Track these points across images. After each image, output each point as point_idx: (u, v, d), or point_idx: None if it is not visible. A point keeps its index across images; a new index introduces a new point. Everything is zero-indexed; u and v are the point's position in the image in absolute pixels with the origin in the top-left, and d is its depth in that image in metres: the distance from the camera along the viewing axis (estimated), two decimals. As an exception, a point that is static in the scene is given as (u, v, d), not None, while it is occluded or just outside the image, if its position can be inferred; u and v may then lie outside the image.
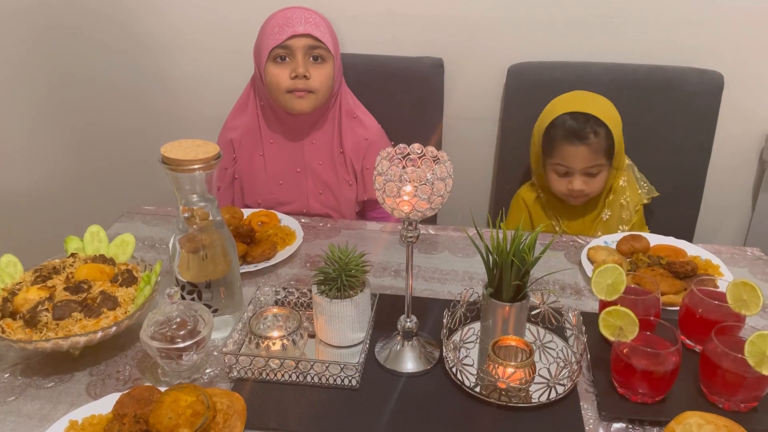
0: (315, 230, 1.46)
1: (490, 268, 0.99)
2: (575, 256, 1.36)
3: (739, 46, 1.73)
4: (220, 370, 1.02)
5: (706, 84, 1.68)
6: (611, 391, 0.95)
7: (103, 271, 1.11)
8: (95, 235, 1.20)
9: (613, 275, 1.04)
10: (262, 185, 1.62)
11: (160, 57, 1.96)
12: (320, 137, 1.60)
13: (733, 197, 1.94)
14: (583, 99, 1.53)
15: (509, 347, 0.96)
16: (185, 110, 2.03)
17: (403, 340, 1.04)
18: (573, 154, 1.47)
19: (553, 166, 1.52)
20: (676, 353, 0.91)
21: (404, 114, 1.78)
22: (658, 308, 1.04)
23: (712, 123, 1.71)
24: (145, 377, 1.01)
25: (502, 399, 0.94)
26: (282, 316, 1.08)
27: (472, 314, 1.11)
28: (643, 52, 1.75)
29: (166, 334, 0.95)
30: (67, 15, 1.94)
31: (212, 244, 1.04)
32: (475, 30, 1.79)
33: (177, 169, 0.97)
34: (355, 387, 0.98)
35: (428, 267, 1.32)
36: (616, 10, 1.73)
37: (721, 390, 0.92)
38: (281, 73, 1.49)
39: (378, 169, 0.91)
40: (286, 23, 1.47)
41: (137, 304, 1.05)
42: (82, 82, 2.03)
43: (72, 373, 1.01)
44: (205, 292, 1.06)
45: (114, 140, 2.12)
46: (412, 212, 0.90)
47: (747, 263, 1.33)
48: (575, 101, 1.52)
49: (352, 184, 1.64)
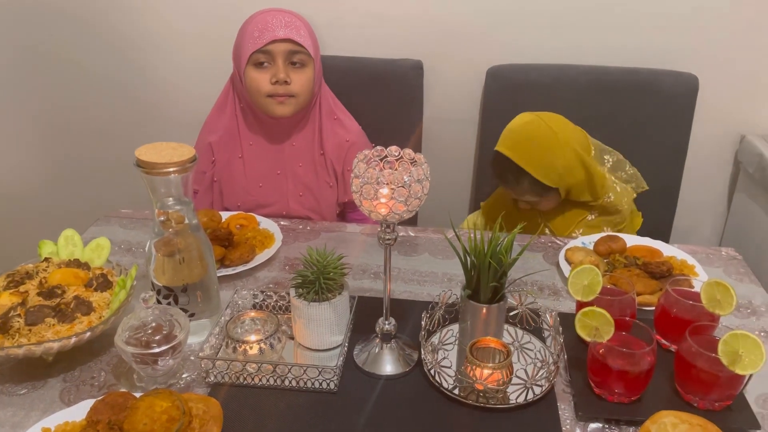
0: (294, 233, 1.46)
1: (467, 270, 0.99)
2: (553, 257, 1.37)
3: (714, 48, 1.75)
4: (196, 374, 1.01)
5: (682, 86, 1.71)
6: (588, 392, 0.96)
7: (78, 275, 1.09)
8: (69, 239, 1.19)
9: (589, 276, 1.05)
10: (242, 188, 1.61)
11: (138, 57, 1.94)
12: (300, 139, 1.59)
13: (708, 198, 1.97)
14: (513, 134, 1.44)
15: (487, 348, 0.97)
16: (164, 111, 2.01)
17: (381, 343, 1.04)
18: (512, 191, 1.49)
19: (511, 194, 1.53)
20: (651, 353, 0.91)
21: (384, 116, 1.78)
22: (634, 308, 1.05)
23: (687, 125, 1.73)
24: (121, 383, 0.99)
25: (479, 400, 0.94)
26: (260, 319, 1.07)
27: (450, 316, 1.11)
28: (620, 54, 1.77)
29: (141, 339, 0.94)
30: (43, 15, 1.91)
31: (188, 248, 1.03)
32: (454, 32, 1.80)
33: (152, 173, 0.96)
34: (334, 390, 0.97)
35: (408, 269, 1.32)
36: (593, 14, 1.74)
37: (696, 389, 0.93)
38: (261, 78, 1.48)
39: (355, 171, 0.91)
40: (266, 27, 1.46)
41: (112, 309, 1.03)
42: (58, 82, 2.01)
43: (45, 379, 1.00)
44: (182, 296, 1.05)
45: (91, 142, 2.09)
46: (390, 215, 0.90)
47: (722, 263, 1.35)
48: (507, 137, 1.45)
49: (333, 186, 1.63)
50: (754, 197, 1.81)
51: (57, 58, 1.97)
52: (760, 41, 1.74)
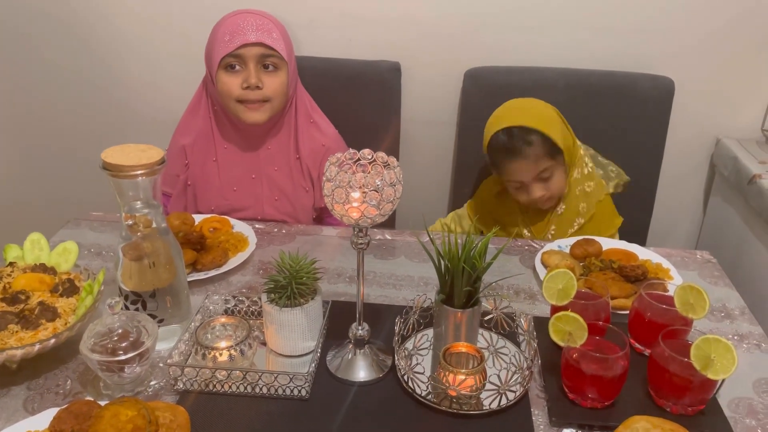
0: (269, 236, 1.44)
1: (441, 274, 0.98)
2: (529, 260, 1.36)
3: (690, 53, 1.77)
4: (165, 382, 0.99)
5: (658, 89, 1.71)
6: (561, 397, 0.96)
7: (43, 280, 1.06)
8: (36, 243, 1.16)
9: (563, 280, 1.04)
10: (216, 191, 1.58)
11: (110, 55, 1.91)
12: (276, 143, 1.57)
13: (684, 200, 1.98)
14: (511, 111, 1.50)
15: (460, 354, 0.96)
16: (137, 111, 1.98)
17: (354, 349, 1.03)
18: (516, 169, 1.46)
19: (507, 183, 1.52)
20: (624, 357, 0.91)
21: (361, 118, 1.77)
22: (608, 312, 1.05)
23: (663, 128, 1.74)
24: (87, 391, 0.97)
25: (453, 406, 0.93)
26: (231, 325, 1.05)
27: (425, 320, 1.09)
28: (597, 57, 1.77)
29: (107, 346, 0.92)
30: (12, 11, 1.87)
31: (156, 252, 1.01)
32: (431, 34, 1.79)
33: (119, 176, 0.94)
34: (305, 397, 0.96)
35: (384, 272, 1.31)
36: (572, 17, 1.75)
37: (669, 394, 0.92)
38: (232, 82, 1.45)
39: (327, 174, 0.89)
40: (237, 30, 1.44)
41: (78, 315, 1.01)
42: (29, 80, 1.97)
43: (9, 387, 0.97)
44: (150, 301, 1.02)
45: (61, 142, 2.05)
46: (362, 219, 0.89)
47: (696, 266, 1.36)
48: (504, 116, 1.48)
49: (309, 191, 1.61)
50: (729, 200, 1.83)
51: (27, 56, 1.93)
52: (735, 46, 1.76)
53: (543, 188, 1.48)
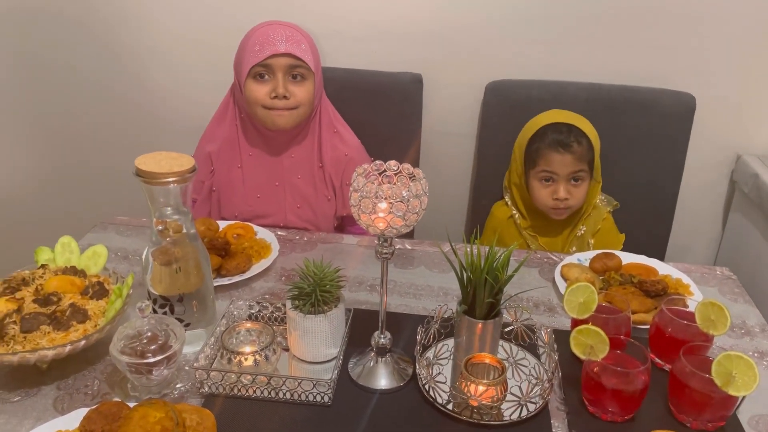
0: (291, 243, 1.46)
1: (464, 285, 0.99)
2: (549, 273, 1.37)
3: (711, 69, 1.77)
4: (191, 385, 1.01)
5: (679, 105, 1.72)
6: (582, 410, 0.96)
7: (74, 283, 1.09)
8: (66, 246, 1.19)
9: (585, 294, 1.05)
10: (240, 198, 1.61)
11: (138, 65, 1.95)
12: (300, 151, 1.60)
13: (704, 216, 1.98)
14: (565, 113, 1.58)
15: (482, 364, 0.97)
16: (162, 119, 2.01)
17: (376, 357, 1.04)
18: (558, 161, 1.51)
19: (538, 174, 1.55)
20: (645, 372, 0.92)
21: (383, 129, 1.79)
22: (629, 327, 1.06)
23: (684, 144, 1.75)
24: (114, 392, 0.99)
25: (474, 416, 0.94)
26: (255, 330, 1.07)
27: (446, 330, 1.11)
28: (619, 73, 1.78)
29: (137, 349, 0.94)
30: (46, 22, 1.92)
31: (185, 257, 1.04)
32: (454, 47, 1.81)
33: (151, 182, 0.96)
34: (328, 404, 0.97)
35: (404, 282, 1.32)
36: (594, 32, 1.76)
37: (689, 409, 0.93)
38: (261, 91, 1.48)
39: (354, 185, 0.91)
40: (267, 41, 1.47)
41: (108, 318, 1.03)
42: (59, 88, 2.01)
43: (39, 387, 0.99)
44: (178, 305, 1.05)
45: (89, 149, 2.09)
46: (387, 229, 0.91)
47: (716, 282, 1.36)
48: (557, 115, 1.57)
49: (331, 199, 1.63)
50: (749, 217, 1.82)
51: (57, 65, 1.98)
52: (757, 62, 1.76)
53: (568, 192, 1.53)
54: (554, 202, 1.54)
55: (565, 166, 1.51)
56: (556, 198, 1.53)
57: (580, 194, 1.55)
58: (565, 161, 1.51)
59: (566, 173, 1.52)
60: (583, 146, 1.52)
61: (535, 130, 1.55)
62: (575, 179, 1.53)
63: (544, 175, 1.54)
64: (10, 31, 1.94)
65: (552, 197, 1.54)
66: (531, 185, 1.58)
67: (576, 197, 1.54)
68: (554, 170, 1.52)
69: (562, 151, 1.51)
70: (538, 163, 1.54)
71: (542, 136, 1.54)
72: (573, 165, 1.51)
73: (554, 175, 1.53)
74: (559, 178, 1.53)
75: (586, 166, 1.53)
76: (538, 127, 1.55)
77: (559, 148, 1.51)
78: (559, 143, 1.51)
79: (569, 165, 1.51)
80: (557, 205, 1.54)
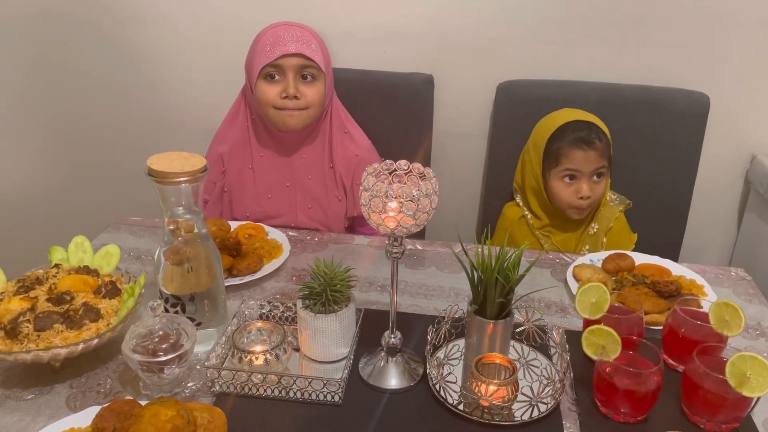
0: (302, 244, 1.46)
1: (474, 285, 0.99)
2: (561, 273, 1.36)
3: (725, 68, 1.76)
4: (202, 384, 1.01)
5: (693, 105, 1.70)
6: (594, 411, 0.96)
7: (87, 282, 1.10)
8: (80, 245, 1.20)
9: (597, 294, 1.04)
10: (251, 198, 1.62)
11: (151, 68, 1.96)
12: (310, 152, 1.60)
13: (718, 217, 1.96)
14: (579, 112, 1.57)
15: (492, 365, 0.96)
16: (175, 120, 2.03)
17: (387, 356, 1.04)
18: (583, 158, 1.51)
19: (560, 173, 1.54)
20: (658, 373, 0.91)
21: (394, 129, 1.79)
22: (642, 327, 1.05)
23: (697, 143, 1.73)
24: (126, 390, 1.00)
25: (484, 417, 0.94)
26: (266, 330, 1.07)
27: (456, 331, 1.10)
28: (631, 72, 1.77)
29: (148, 347, 0.95)
30: (58, 22, 1.93)
31: (197, 257, 1.04)
32: (465, 47, 1.81)
33: (163, 182, 0.97)
34: (338, 403, 0.97)
35: (415, 282, 1.32)
36: (605, 31, 1.75)
37: (703, 410, 0.92)
38: (271, 91, 1.49)
39: (364, 184, 0.91)
40: (277, 41, 1.48)
41: (120, 317, 1.04)
42: (70, 89, 2.03)
43: (52, 385, 1.00)
44: (189, 305, 1.05)
45: (103, 150, 2.11)
46: (398, 228, 0.90)
47: (731, 283, 1.34)
48: (572, 113, 1.56)
49: (342, 200, 1.64)
50: (765, 217, 1.80)
51: (71, 68, 2.00)
52: (772, 61, 1.74)
53: (591, 189, 1.52)
54: (578, 201, 1.52)
55: (589, 162, 1.51)
56: (581, 196, 1.52)
57: (600, 190, 1.55)
58: (589, 158, 1.50)
59: (590, 170, 1.51)
60: (603, 142, 1.52)
61: (554, 129, 1.54)
62: (597, 176, 1.53)
63: (567, 174, 1.53)
64: (26, 37, 1.97)
65: (576, 195, 1.52)
66: (551, 185, 1.56)
67: (597, 193, 1.54)
68: (578, 168, 1.51)
69: (585, 148, 1.50)
70: (561, 162, 1.53)
71: (562, 134, 1.53)
72: (596, 161, 1.51)
73: (577, 172, 1.52)
74: (582, 176, 1.52)
75: (607, 162, 1.53)
76: (555, 126, 1.54)
77: (582, 145, 1.50)
78: (582, 140, 1.50)
79: (593, 161, 1.51)
80: (580, 204, 1.53)
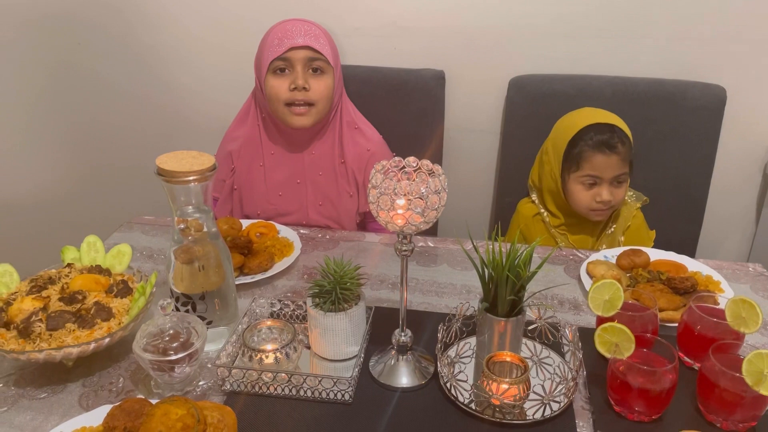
0: (314, 242, 1.46)
1: (485, 283, 0.98)
2: (575, 270, 1.35)
3: (742, 60, 1.72)
4: (212, 382, 1.01)
5: (709, 98, 1.68)
6: (607, 409, 0.94)
7: (98, 281, 1.10)
8: (92, 245, 1.20)
9: (610, 291, 1.03)
10: (262, 196, 1.62)
11: (162, 67, 1.97)
12: (321, 148, 1.60)
13: (736, 211, 1.92)
14: (600, 112, 1.53)
15: (504, 363, 0.95)
16: (187, 120, 2.03)
17: (397, 355, 1.03)
18: (605, 164, 1.47)
19: (580, 178, 1.50)
20: (672, 371, 0.89)
21: (405, 126, 1.78)
22: (656, 325, 1.03)
23: (714, 137, 1.70)
24: (138, 389, 1.00)
25: (496, 415, 0.93)
26: (276, 328, 1.07)
27: (468, 329, 1.09)
28: (645, 65, 1.74)
29: (159, 346, 0.95)
30: (70, 25, 1.95)
31: (207, 256, 1.04)
32: (476, 42, 1.79)
33: (172, 181, 0.97)
34: (349, 401, 0.97)
35: (426, 280, 1.31)
36: (617, 24, 1.72)
37: (719, 409, 0.90)
38: (280, 85, 1.49)
39: (372, 181, 0.91)
40: (286, 35, 1.48)
41: (131, 316, 1.04)
42: (83, 88, 2.04)
43: (65, 384, 1.01)
44: (200, 303, 1.05)
45: (115, 151, 2.12)
46: (406, 226, 0.90)
47: (749, 279, 1.32)
48: (594, 114, 1.52)
49: (353, 196, 1.63)
50: (784, 212, 1.77)
51: (83, 72, 2.01)
52: (791, 52, 1.70)
53: (611, 194, 1.49)
54: (597, 204, 1.50)
55: (611, 168, 1.47)
56: (600, 201, 1.49)
57: (621, 194, 1.51)
58: (611, 163, 1.47)
59: (611, 176, 1.48)
60: (626, 147, 1.48)
61: (575, 131, 1.49)
62: (618, 181, 1.49)
63: (587, 179, 1.49)
64: (41, 42, 1.98)
65: (595, 200, 1.49)
66: (570, 188, 1.52)
67: (618, 198, 1.51)
68: (599, 174, 1.47)
69: (608, 153, 1.46)
70: (582, 167, 1.49)
71: (584, 137, 1.48)
72: (618, 167, 1.47)
73: (598, 179, 1.48)
74: (603, 181, 1.48)
75: (628, 167, 1.50)
76: (577, 128, 1.49)
77: (605, 149, 1.46)
78: (605, 144, 1.46)
79: (615, 167, 1.47)
80: (600, 207, 1.50)
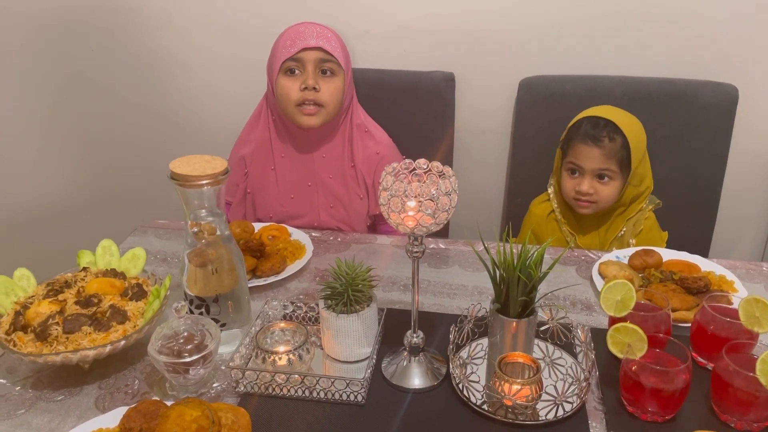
0: (325, 244, 1.47)
1: (497, 284, 0.98)
2: (586, 270, 1.34)
3: (754, 59, 1.71)
4: (227, 384, 1.02)
5: (721, 97, 1.67)
6: (620, 410, 0.94)
7: (114, 285, 1.12)
8: (107, 249, 1.22)
9: (622, 291, 1.03)
10: (274, 199, 1.63)
11: (175, 72, 1.99)
12: (331, 151, 1.61)
13: (749, 211, 1.91)
14: (609, 109, 1.54)
15: (516, 364, 0.96)
16: (200, 124, 2.05)
17: (409, 356, 1.04)
18: (586, 154, 1.48)
19: (567, 164, 1.53)
20: (686, 371, 0.89)
21: (415, 128, 1.79)
22: (669, 325, 1.03)
23: (726, 136, 1.69)
24: (153, 391, 1.01)
25: (508, 416, 0.93)
26: (289, 330, 1.08)
27: (480, 330, 1.10)
28: (656, 64, 1.74)
29: (174, 348, 0.96)
30: (83, 29, 1.97)
31: (220, 259, 1.05)
32: (485, 44, 1.79)
33: (185, 185, 0.98)
34: (361, 403, 0.97)
35: (438, 281, 1.32)
36: (628, 23, 1.72)
37: (733, 409, 0.90)
38: (291, 86, 1.50)
39: (383, 184, 0.91)
40: (298, 37, 1.50)
41: (146, 318, 1.05)
42: (97, 95, 2.06)
43: (81, 386, 1.02)
44: (213, 306, 1.06)
45: (128, 153, 2.14)
46: (417, 227, 0.90)
47: (763, 279, 1.31)
48: (601, 109, 1.54)
49: (363, 198, 1.64)
50: (798, 211, 1.75)
51: (97, 80, 2.03)
52: (804, 50, 1.69)
53: (593, 186, 1.49)
54: (577, 194, 1.51)
55: (591, 160, 1.47)
56: (578, 191, 1.50)
57: (608, 192, 1.49)
58: (592, 155, 1.47)
59: (591, 168, 1.48)
60: (615, 143, 1.46)
61: (577, 119, 1.53)
62: (601, 176, 1.48)
63: (570, 167, 1.52)
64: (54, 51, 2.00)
65: (575, 189, 1.51)
66: (561, 174, 1.55)
67: (603, 195, 1.49)
68: (579, 163, 1.49)
69: (590, 144, 1.47)
70: (568, 154, 1.52)
71: (578, 127, 1.51)
72: (600, 161, 1.47)
73: (578, 167, 1.50)
74: (585, 172, 1.49)
75: (615, 165, 1.47)
76: (581, 116, 1.53)
77: (587, 140, 1.47)
78: (589, 136, 1.48)
79: (596, 160, 1.47)
80: (580, 198, 1.51)
